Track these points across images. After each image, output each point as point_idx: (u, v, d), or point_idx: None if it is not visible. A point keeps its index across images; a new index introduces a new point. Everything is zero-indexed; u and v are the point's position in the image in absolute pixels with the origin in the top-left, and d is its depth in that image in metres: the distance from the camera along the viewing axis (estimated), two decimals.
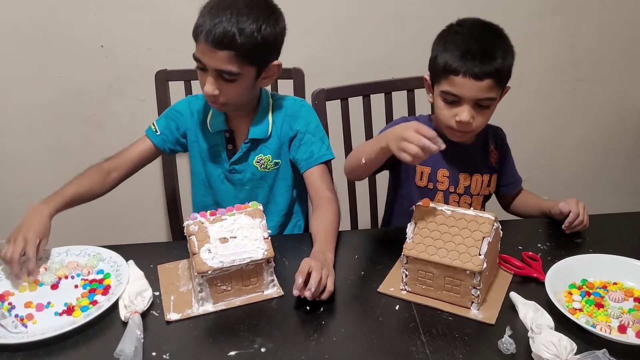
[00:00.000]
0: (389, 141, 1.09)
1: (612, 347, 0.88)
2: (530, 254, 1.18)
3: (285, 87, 1.62)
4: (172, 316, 1.02)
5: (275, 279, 1.09)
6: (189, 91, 1.62)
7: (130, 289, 1.04)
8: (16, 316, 1.01)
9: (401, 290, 1.08)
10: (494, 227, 1.03)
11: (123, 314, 1.00)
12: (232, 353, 0.93)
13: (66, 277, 1.13)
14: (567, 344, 0.86)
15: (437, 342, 0.95)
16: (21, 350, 0.94)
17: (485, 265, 0.99)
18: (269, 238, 1.07)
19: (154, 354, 0.93)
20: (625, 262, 1.13)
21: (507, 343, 0.92)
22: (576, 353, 0.86)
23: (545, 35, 2.15)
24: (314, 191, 1.33)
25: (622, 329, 0.98)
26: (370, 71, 2.01)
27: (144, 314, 1.01)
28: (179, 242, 1.24)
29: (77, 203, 1.24)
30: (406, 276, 1.07)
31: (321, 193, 1.30)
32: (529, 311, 0.96)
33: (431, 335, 0.97)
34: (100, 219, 2.10)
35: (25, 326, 1.00)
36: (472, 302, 1.02)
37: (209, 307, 1.04)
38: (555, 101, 2.30)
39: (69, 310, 1.03)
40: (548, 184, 2.33)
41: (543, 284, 1.05)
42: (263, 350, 0.94)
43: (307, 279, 1.00)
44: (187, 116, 1.39)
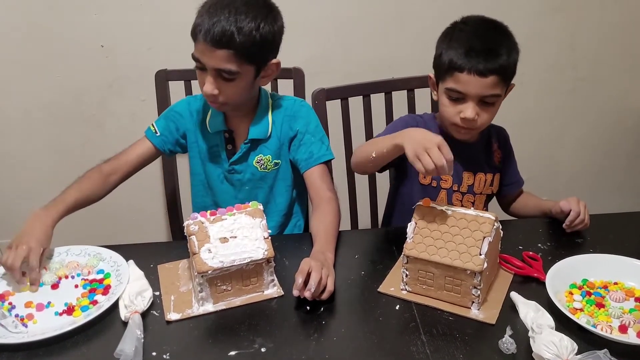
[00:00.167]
0: (404, 142, 1.08)
1: (613, 347, 0.88)
2: (530, 253, 1.18)
3: (285, 87, 1.62)
4: (172, 316, 1.02)
5: (276, 279, 1.09)
6: (188, 91, 1.62)
7: (131, 289, 1.04)
8: (16, 316, 1.01)
9: (401, 290, 1.08)
10: (495, 226, 1.03)
11: (123, 313, 1.00)
12: (232, 353, 0.93)
13: (66, 277, 1.13)
14: (568, 344, 0.86)
15: (438, 342, 0.95)
16: (21, 350, 0.94)
17: (485, 265, 0.99)
18: (269, 238, 1.07)
19: (154, 354, 0.93)
20: (626, 262, 1.12)
21: (507, 343, 0.92)
22: (577, 353, 0.86)
23: (545, 35, 2.15)
24: (314, 191, 1.33)
25: (623, 329, 0.98)
26: (370, 71, 2.00)
27: (144, 314, 1.01)
28: (179, 242, 1.24)
29: (78, 208, 1.24)
30: (406, 276, 1.07)
31: (321, 193, 1.30)
32: (529, 311, 0.96)
33: (431, 335, 0.97)
34: (100, 219, 2.10)
35: (26, 326, 1.00)
36: (473, 302, 1.02)
37: (209, 307, 1.04)
38: (555, 101, 2.30)
39: (69, 310, 1.03)
40: (548, 184, 2.33)
41: (544, 283, 1.05)
42: (263, 350, 0.94)
43: (307, 279, 1.00)
44: (186, 117, 1.39)
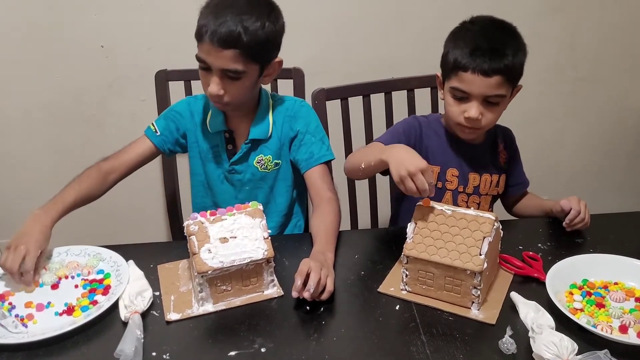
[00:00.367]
0: (390, 160, 1.08)
1: (613, 347, 0.88)
2: (530, 253, 1.18)
3: (285, 87, 1.62)
4: (172, 316, 1.02)
5: (275, 279, 1.09)
6: (189, 91, 1.62)
7: (131, 289, 1.03)
8: (16, 316, 1.01)
9: (401, 290, 1.08)
10: (495, 226, 1.03)
11: (123, 314, 1.00)
12: (232, 353, 0.93)
13: (66, 277, 1.13)
14: (568, 344, 0.86)
15: (438, 342, 0.95)
16: (21, 350, 0.94)
17: (485, 265, 0.99)
18: (269, 238, 1.07)
19: (154, 354, 0.93)
20: (626, 262, 1.12)
21: (507, 343, 0.92)
22: (577, 353, 0.86)
23: (545, 35, 2.15)
24: (314, 191, 1.33)
25: (623, 329, 0.98)
26: (370, 71, 2.00)
27: (144, 314, 1.01)
28: (179, 242, 1.24)
29: (77, 207, 1.24)
30: (406, 276, 1.07)
31: (322, 193, 1.30)
32: (529, 311, 0.96)
33: (431, 335, 0.97)
34: (100, 219, 2.10)
35: (26, 326, 1.00)
36: (473, 302, 1.02)
37: (209, 307, 1.04)
38: (556, 101, 2.29)
39: (69, 310, 1.03)
40: (548, 184, 2.32)
41: (544, 283, 1.05)
42: (263, 350, 0.94)
43: (307, 280, 1.00)
44: (186, 117, 1.39)
